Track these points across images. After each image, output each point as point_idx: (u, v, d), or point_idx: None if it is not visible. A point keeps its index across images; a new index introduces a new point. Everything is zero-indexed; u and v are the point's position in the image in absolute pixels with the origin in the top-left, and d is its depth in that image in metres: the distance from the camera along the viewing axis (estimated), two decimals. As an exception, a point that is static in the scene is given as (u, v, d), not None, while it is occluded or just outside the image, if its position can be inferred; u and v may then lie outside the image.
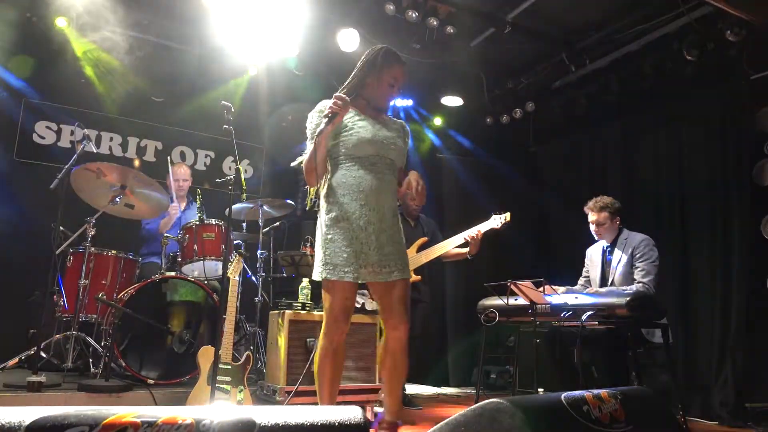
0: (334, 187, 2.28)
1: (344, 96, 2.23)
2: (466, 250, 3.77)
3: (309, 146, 2.30)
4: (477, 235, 3.64)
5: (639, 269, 3.43)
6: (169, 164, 4.48)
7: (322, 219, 2.27)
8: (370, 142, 2.28)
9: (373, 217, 2.25)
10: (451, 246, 3.82)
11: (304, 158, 2.32)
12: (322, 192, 2.32)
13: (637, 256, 3.46)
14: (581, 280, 3.85)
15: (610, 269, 3.59)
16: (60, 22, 4.56)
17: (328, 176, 2.32)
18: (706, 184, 4.23)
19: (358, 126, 2.30)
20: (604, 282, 3.63)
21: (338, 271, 2.20)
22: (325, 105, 2.28)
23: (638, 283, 3.39)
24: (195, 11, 4.57)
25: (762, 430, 3.43)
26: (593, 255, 3.79)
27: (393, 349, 2.31)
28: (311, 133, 2.30)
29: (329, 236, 2.23)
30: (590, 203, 3.69)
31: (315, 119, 2.31)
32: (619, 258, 3.55)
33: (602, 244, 3.72)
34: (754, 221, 3.92)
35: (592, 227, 3.68)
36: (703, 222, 4.21)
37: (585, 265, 3.86)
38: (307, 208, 2.51)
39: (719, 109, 4.22)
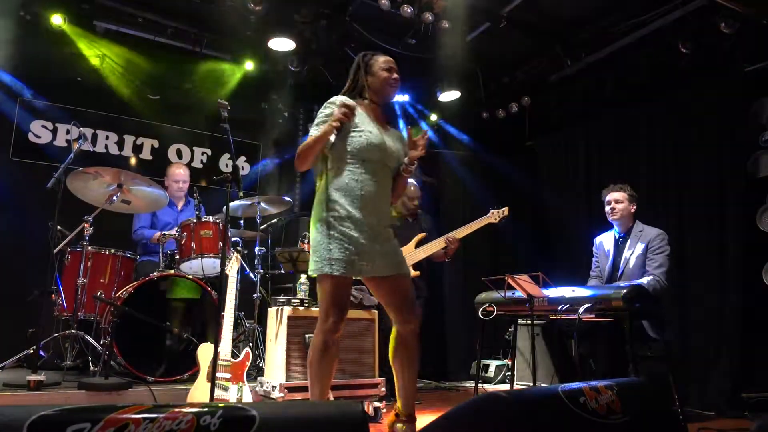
0: (337, 187, 2.30)
1: (351, 103, 2.31)
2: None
3: (313, 132, 2.32)
4: (454, 239, 3.74)
5: (653, 261, 3.42)
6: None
7: (324, 216, 2.29)
8: (378, 148, 2.33)
9: (372, 219, 2.30)
10: (442, 245, 3.85)
11: (305, 142, 2.32)
12: (326, 190, 2.33)
13: (652, 248, 3.45)
14: (594, 272, 3.78)
15: (622, 260, 3.55)
16: (56, 20, 4.54)
17: (332, 174, 2.34)
18: (701, 176, 4.25)
19: (367, 129, 2.34)
20: (614, 273, 3.59)
21: (338, 267, 2.22)
22: (340, 100, 2.33)
23: (650, 275, 3.37)
24: (191, 8, 4.56)
25: (759, 419, 3.45)
26: (604, 244, 3.71)
27: (409, 342, 2.40)
28: (320, 121, 2.33)
29: (331, 233, 2.25)
30: (608, 187, 3.66)
31: (328, 111, 2.34)
32: (632, 249, 3.51)
33: (614, 233, 3.66)
34: (749, 213, 3.94)
35: (608, 207, 3.61)
36: (699, 213, 4.22)
37: (594, 254, 3.80)
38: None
39: (714, 101, 4.22)
